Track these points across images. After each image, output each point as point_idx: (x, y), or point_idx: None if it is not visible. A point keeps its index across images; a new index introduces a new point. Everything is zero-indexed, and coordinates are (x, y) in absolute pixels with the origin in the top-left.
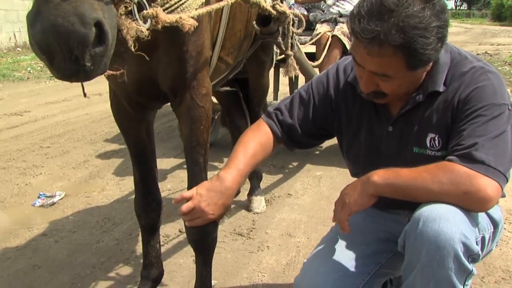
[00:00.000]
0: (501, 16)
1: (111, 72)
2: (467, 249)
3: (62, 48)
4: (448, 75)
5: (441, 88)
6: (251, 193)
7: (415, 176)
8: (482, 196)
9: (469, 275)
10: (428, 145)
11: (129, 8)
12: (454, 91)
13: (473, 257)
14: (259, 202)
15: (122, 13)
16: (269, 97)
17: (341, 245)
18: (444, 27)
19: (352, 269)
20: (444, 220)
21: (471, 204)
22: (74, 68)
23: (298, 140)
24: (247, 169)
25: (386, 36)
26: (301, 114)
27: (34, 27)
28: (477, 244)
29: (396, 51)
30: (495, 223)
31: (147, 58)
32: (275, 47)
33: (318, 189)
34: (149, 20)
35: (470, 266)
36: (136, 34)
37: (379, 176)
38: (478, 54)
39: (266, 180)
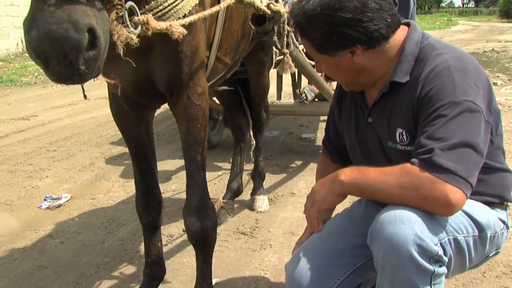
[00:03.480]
0: (509, 13)
1: (107, 79)
2: (423, 250)
3: (57, 54)
4: (414, 68)
5: (403, 80)
6: (254, 192)
7: (379, 179)
8: (443, 202)
9: (434, 276)
10: (398, 139)
11: (121, 14)
12: (415, 87)
13: (436, 258)
14: (262, 201)
15: (114, 18)
16: (273, 97)
17: (333, 234)
18: (337, 16)
19: (340, 259)
20: (399, 223)
21: (432, 209)
22: (69, 71)
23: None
24: None
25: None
26: (330, 123)
27: (30, 33)
28: (442, 245)
29: (298, 31)
30: (479, 227)
31: (134, 65)
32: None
33: None
34: (139, 26)
35: (431, 267)
36: (126, 40)
37: (345, 175)
38: (485, 51)
39: (270, 179)
